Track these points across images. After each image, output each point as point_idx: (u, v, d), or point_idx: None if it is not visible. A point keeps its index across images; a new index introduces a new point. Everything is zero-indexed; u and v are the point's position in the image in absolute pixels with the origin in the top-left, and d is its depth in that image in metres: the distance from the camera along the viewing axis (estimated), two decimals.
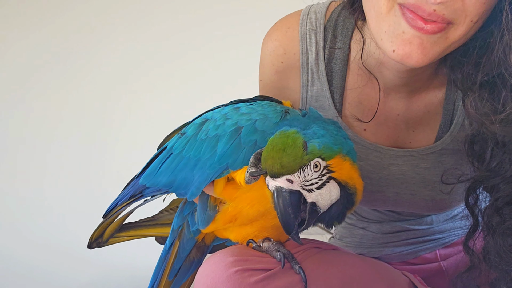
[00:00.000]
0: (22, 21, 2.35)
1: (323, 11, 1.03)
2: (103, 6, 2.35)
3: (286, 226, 0.76)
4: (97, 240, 1.11)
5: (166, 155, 0.94)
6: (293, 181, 0.75)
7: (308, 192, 0.76)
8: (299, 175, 0.74)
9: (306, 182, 0.75)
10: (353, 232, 1.23)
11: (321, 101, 1.03)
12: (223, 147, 0.84)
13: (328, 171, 0.77)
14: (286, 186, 0.75)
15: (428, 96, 1.01)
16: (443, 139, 1.01)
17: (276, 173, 0.74)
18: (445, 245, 1.18)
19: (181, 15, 2.32)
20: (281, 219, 0.76)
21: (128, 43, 2.34)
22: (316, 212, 0.77)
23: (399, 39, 0.82)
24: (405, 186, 1.04)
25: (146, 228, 1.13)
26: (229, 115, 0.87)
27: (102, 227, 1.10)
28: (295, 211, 0.75)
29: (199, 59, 2.31)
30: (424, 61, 0.82)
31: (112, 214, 1.06)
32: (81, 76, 2.37)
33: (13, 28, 2.36)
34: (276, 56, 1.03)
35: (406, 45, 0.82)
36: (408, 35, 0.81)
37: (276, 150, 0.74)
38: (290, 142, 0.74)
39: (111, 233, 1.11)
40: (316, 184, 0.76)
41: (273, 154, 0.74)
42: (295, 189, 0.75)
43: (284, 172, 0.74)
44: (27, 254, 2.35)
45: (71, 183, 2.38)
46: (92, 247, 1.11)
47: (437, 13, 0.78)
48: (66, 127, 2.38)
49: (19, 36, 2.35)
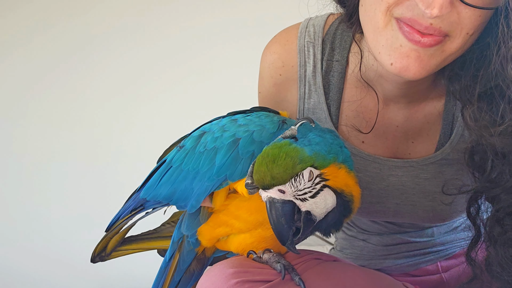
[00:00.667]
0: (24, 30, 2.38)
1: (321, 24, 1.04)
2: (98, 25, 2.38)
3: (279, 236, 0.76)
4: (100, 254, 1.12)
5: (165, 168, 0.95)
6: (285, 191, 0.74)
7: (301, 201, 0.75)
8: (291, 185, 0.74)
9: (298, 191, 0.75)
10: (353, 244, 1.22)
11: (317, 114, 1.04)
12: (221, 159, 0.84)
13: (322, 179, 0.77)
14: (278, 196, 0.75)
15: (427, 107, 1.02)
16: (442, 149, 1.01)
17: (267, 184, 0.74)
18: (447, 257, 1.17)
19: (180, 31, 2.34)
20: (275, 230, 0.76)
21: (129, 56, 2.36)
22: (311, 220, 0.77)
23: (396, 53, 0.83)
24: (405, 197, 1.04)
25: (149, 241, 1.13)
26: (226, 127, 0.88)
27: (105, 241, 1.10)
28: (288, 221, 0.75)
29: (199, 72, 2.33)
30: (422, 74, 0.83)
31: (114, 227, 1.06)
32: (81, 89, 2.39)
33: (14, 39, 2.39)
34: (274, 68, 1.04)
35: (403, 58, 0.82)
36: (405, 49, 0.82)
37: (265, 162, 0.74)
38: (281, 153, 0.74)
39: (114, 246, 1.11)
40: (310, 193, 0.76)
41: (263, 166, 0.74)
42: (288, 199, 0.75)
43: (275, 183, 0.74)
44: (30, 268, 2.37)
45: (73, 198, 2.40)
46: (95, 261, 1.11)
47: (434, 26, 0.79)
48: (68, 141, 2.40)
49: (20, 45, 2.38)
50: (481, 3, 0.77)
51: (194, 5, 2.32)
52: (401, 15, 0.81)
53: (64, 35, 2.37)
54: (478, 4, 0.77)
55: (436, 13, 0.76)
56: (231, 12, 2.30)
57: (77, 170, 2.40)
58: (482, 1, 0.77)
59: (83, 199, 2.39)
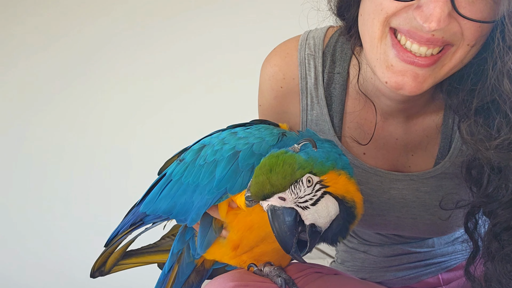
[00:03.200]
0: (33, 37, 2.40)
1: (321, 37, 1.04)
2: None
3: (283, 244, 0.75)
4: (100, 269, 1.11)
5: (165, 182, 0.94)
6: (286, 199, 0.74)
7: (303, 209, 0.75)
8: (291, 192, 0.74)
9: (299, 198, 0.74)
10: (354, 256, 1.22)
11: (320, 125, 1.04)
12: (221, 171, 0.84)
13: (322, 186, 0.76)
14: (279, 204, 0.74)
15: (425, 121, 1.02)
16: (442, 163, 1.01)
17: (267, 193, 0.73)
18: (448, 269, 1.17)
19: (186, 42, 2.35)
20: (278, 238, 0.75)
21: (132, 72, 2.38)
22: (317, 232, 0.76)
23: (390, 71, 0.83)
24: (406, 210, 1.04)
25: (149, 255, 1.13)
26: (226, 139, 0.88)
27: (104, 256, 1.09)
28: (291, 229, 0.74)
29: (206, 82, 2.34)
30: (418, 91, 0.83)
31: (113, 242, 1.06)
32: (84, 104, 2.41)
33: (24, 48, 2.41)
34: (275, 81, 1.04)
35: (398, 76, 0.83)
36: (399, 67, 0.82)
37: (264, 171, 0.73)
38: (279, 161, 0.74)
39: (114, 261, 1.11)
40: (311, 200, 0.75)
41: (262, 175, 0.73)
42: (289, 206, 0.74)
43: (275, 190, 0.73)
44: (29, 283, 2.35)
45: (72, 213, 2.40)
46: (95, 276, 1.11)
47: (436, 37, 0.79)
48: (69, 156, 2.41)
49: (32, 53, 2.40)
50: (480, 17, 0.77)
51: (198, 17, 2.34)
52: (399, 25, 0.81)
53: (73, 44, 2.39)
54: (477, 18, 0.77)
55: (435, 27, 0.76)
56: (232, 24, 2.31)
57: (77, 185, 2.41)
58: (480, 15, 0.77)
59: (83, 214, 2.39)
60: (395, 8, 0.80)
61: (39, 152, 2.42)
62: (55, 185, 2.41)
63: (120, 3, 2.36)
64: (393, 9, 0.80)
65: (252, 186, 0.75)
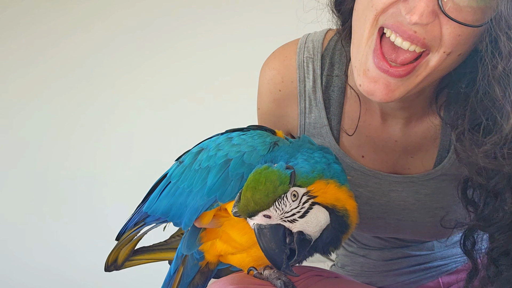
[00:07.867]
0: (34, 42, 2.45)
1: (320, 40, 1.03)
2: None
3: (272, 261, 0.75)
4: (114, 263, 1.14)
5: (165, 183, 0.95)
6: (271, 216, 0.74)
7: (291, 223, 0.74)
8: (276, 208, 0.73)
9: (285, 213, 0.74)
10: (354, 260, 1.21)
11: (318, 128, 1.03)
12: (212, 179, 0.84)
13: (310, 196, 0.75)
14: (264, 222, 0.74)
15: (424, 123, 1.00)
16: (441, 165, 1.00)
17: (251, 211, 0.73)
18: (448, 272, 1.16)
19: (186, 45, 2.38)
20: (267, 256, 0.75)
21: (135, 74, 2.42)
22: (306, 240, 0.76)
23: (365, 76, 0.83)
24: (406, 213, 1.03)
25: (160, 252, 1.15)
26: (221, 145, 0.88)
27: (116, 250, 1.12)
28: (279, 245, 0.74)
29: (203, 88, 2.37)
30: (389, 99, 0.83)
31: (124, 238, 1.08)
32: (87, 106, 2.46)
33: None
34: (274, 84, 1.04)
35: (371, 82, 0.82)
36: (373, 73, 0.82)
37: (249, 188, 0.74)
38: (261, 178, 0.73)
39: (126, 257, 1.14)
40: (299, 213, 0.74)
41: (248, 193, 0.73)
42: (275, 223, 0.74)
43: (259, 208, 0.73)
44: (30, 283, 2.44)
45: (73, 213, 2.47)
46: (110, 270, 1.13)
47: (418, 35, 0.78)
48: (71, 156, 2.47)
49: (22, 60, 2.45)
50: (463, 20, 0.76)
51: (201, 20, 2.36)
52: (385, 21, 0.80)
53: (76, 45, 2.44)
54: (461, 20, 0.76)
55: (415, 20, 0.75)
56: (236, 27, 2.33)
57: (80, 181, 2.47)
58: (464, 18, 0.76)
59: (86, 211, 2.45)
60: (383, 4, 0.79)
61: (39, 152, 2.48)
62: (58, 186, 2.47)
63: (123, 5, 2.40)
64: (382, 5, 0.79)
65: (239, 203, 0.75)
